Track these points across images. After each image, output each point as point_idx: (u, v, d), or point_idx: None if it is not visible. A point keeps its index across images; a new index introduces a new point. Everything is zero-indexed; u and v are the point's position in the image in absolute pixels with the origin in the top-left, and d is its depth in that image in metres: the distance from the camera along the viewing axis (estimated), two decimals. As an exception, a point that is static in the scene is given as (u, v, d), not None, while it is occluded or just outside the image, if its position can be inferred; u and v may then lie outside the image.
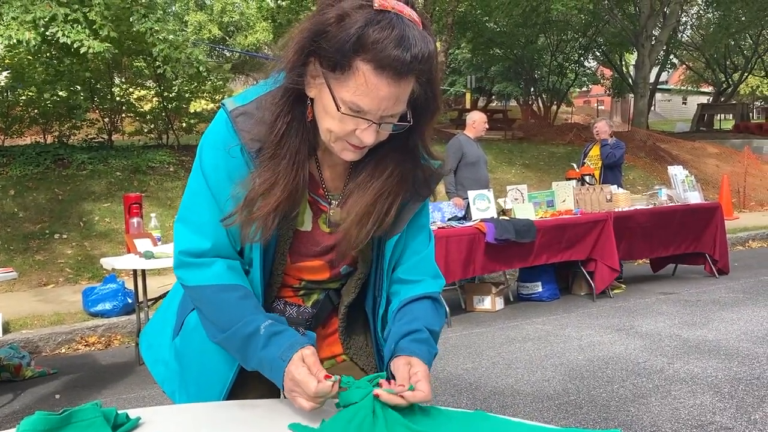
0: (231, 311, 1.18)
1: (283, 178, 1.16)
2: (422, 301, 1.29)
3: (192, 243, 1.21)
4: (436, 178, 1.27)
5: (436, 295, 1.32)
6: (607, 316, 5.43)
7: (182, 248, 1.22)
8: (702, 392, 3.58)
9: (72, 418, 1.04)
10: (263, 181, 1.15)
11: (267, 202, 1.15)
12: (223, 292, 1.19)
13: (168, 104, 11.26)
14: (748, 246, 9.35)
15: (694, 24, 26.55)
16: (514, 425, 1.11)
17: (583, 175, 6.97)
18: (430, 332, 1.24)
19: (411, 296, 1.29)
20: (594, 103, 35.85)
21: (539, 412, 3.39)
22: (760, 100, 35.08)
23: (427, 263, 1.33)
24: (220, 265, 1.21)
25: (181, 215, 1.24)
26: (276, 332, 1.15)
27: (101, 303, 5.51)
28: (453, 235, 5.37)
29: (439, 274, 1.35)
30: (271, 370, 1.14)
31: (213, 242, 1.20)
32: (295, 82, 1.12)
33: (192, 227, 1.22)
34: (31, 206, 8.43)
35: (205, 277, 1.20)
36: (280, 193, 1.16)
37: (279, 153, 1.16)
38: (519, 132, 18.70)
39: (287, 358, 1.11)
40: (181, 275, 1.23)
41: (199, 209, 1.21)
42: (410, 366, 1.15)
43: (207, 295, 1.20)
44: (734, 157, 15.52)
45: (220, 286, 1.19)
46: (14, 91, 10.59)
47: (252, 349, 1.16)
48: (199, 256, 1.21)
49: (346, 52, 1.04)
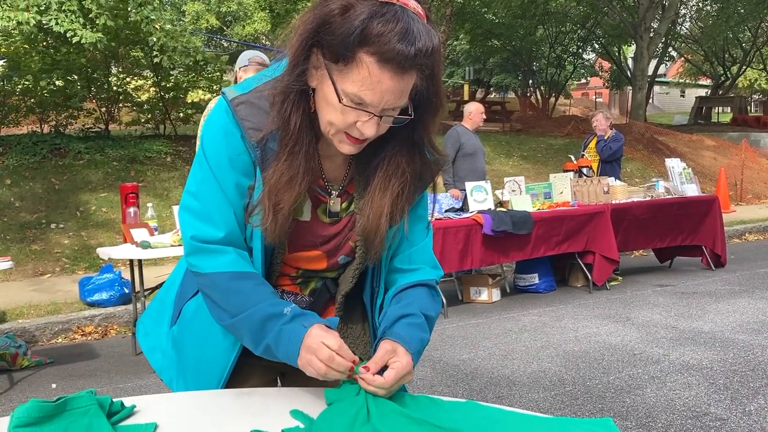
0: (247, 297, 1.17)
1: (302, 171, 1.17)
2: (418, 288, 1.29)
3: (203, 231, 1.20)
4: (436, 171, 1.27)
5: (432, 283, 1.32)
6: (603, 308, 5.44)
7: (193, 234, 1.21)
8: (697, 383, 3.59)
9: (66, 406, 1.04)
10: (282, 175, 1.16)
11: (290, 196, 1.16)
12: (239, 279, 1.18)
13: (165, 94, 11.21)
14: (744, 239, 9.37)
15: (693, 16, 26.52)
16: (505, 414, 1.12)
17: (581, 167, 6.97)
18: (425, 317, 1.25)
19: (407, 282, 1.30)
20: (592, 96, 35.82)
21: (535, 403, 3.40)
22: (758, 93, 35.09)
23: (424, 253, 1.34)
24: (233, 253, 1.20)
25: (187, 204, 1.23)
26: (301, 314, 1.17)
27: (98, 293, 5.50)
28: (450, 227, 5.37)
29: (437, 265, 1.36)
30: (290, 339, 1.13)
31: (226, 232, 1.20)
32: (300, 76, 1.12)
33: (201, 216, 1.20)
34: (27, 196, 8.40)
35: (219, 264, 1.19)
36: (299, 187, 1.17)
37: (296, 148, 1.16)
38: (517, 124, 18.68)
39: (311, 324, 1.13)
40: (194, 262, 1.21)
41: (206, 198, 1.20)
42: (393, 354, 1.15)
43: (220, 282, 1.19)
44: (732, 150, 15.53)
45: (235, 273, 1.19)
46: (10, 80, 10.53)
47: (270, 327, 1.15)
48: (213, 244, 1.20)
49: (350, 44, 1.04)
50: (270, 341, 1.15)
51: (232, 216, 1.20)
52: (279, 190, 1.16)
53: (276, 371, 1.41)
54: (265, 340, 1.16)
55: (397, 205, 1.23)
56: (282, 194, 1.16)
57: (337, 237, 1.29)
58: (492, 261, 5.78)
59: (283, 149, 1.16)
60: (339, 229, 1.29)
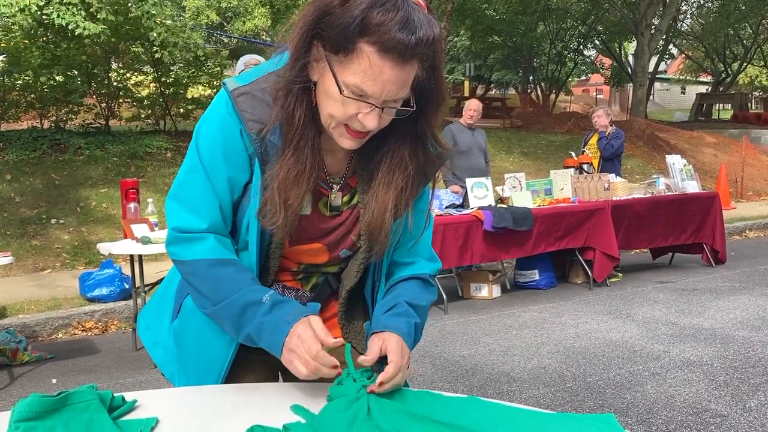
0: (227, 283, 1.17)
1: (309, 167, 1.17)
2: (410, 281, 1.31)
3: (186, 221, 1.20)
4: (438, 164, 1.27)
5: (425, 276, 1.33)
6: (603, 304, 5.44)
7: (176, 225, 1.21)
8: (697, 380, 3.59)
9: (68, 401, 1.04)
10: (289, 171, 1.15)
11: (298, 191, 1.16)
12: (217, 266, 1.18)
13: (165, 90, 11.20)
14: (744, 236, 9.36)
15: (694, 13, 26.46)
16: (507, 410, 1.11)
17: (582, 164, 6.96)
18: (410, 305, 1.26)
19: (401, 277, 1.31)
20: (593, 92, 35.76)
21: (535, 399, 3.40)
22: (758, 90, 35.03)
23: (422, 246, 1.34)
24: (213, 239, 1.20)
25: (174, 192, 1.23)
26: (280, 301, 1.17)
27: (98, 288, 5.50)
28: (450, 223, 5.37)
29: (434, 257, 1.36)
30: (272, 333, 1.13)
31: (210, 223, 1.20)
32: (302, 70, 1.11)
33: (186, 205, 1.21)
34: (27, 191, 8.40)
35: (199, 251, 1.19)
36: (307, 182, 1.17)
37: (302, 143, 1.16)
38: (517, 120, 18.67)
39: (293, 320, 1.12)
40: (173, 251, 1.22)
41: (193, 188, 1.20)
42: (382, 341, 1.17)
43: (200, 269, 1.19)
44: (732, 147, 15.50)
45: (215, 260, 1.18)
46: (10, 75, 10.51)
47: (250, 315, 1.15)
48: (193, 233, 1.20)
49: (350, 34, 1.03)
50: (251, 332, 1.16)
51: (217, 209, 1.20)
52: (288, 186, 1.16)
53: (277, 367, 1.40)
54: (246, 329, 1.16)
55: (401, 200, 1.22)
56: (290, 190, 1.16)
57: (338, 230, 1.29)
58: (492, 257, 5.78)
59: (288, 145, 1.16)
60: (340, 222, 1.29)
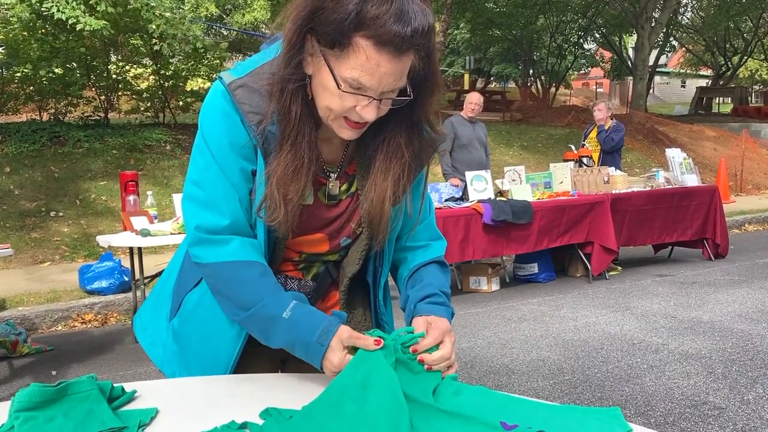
0: (251, 290, 1.17)
1: (307, 161, 1.16)
2: (430, 266, 1.34)
3: (208, 220, 1.18)
4: (433, 149, 1.27)
5: (442, 259, 1.37)
6: (602, 297, 5.45)
7: (197, 224, 1.19)
8: (696, 372, 3.60)
9: (67, 391, 1.04)
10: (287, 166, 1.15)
11: (297, 186, 1.16)
12: (241, 270, 1.17)
13: (165, 82, 11.18)
14: (744, 229, 9.37)
15: (695, 6, 26.40)
16: (512, 400, 1.11)
17: (581, 157, 6.96)
18: (445, 294, 1.30)
19: (420, 262, 1.34)
20: (593, 86, 35.71)
21: (534, 391, 3.41)
22: (759, 83, 34.99)
23: (429, 229, 1.37)
24: (237, 241, 1.19)
25: (190, 192, 1.21)
26: (302, 314, 1.15)
27: (97, 281, 5.51)
28: (450, 216, 5.37)
29: (440, 236, 1.40)
30: (306, 353, 1.13)
31: (231, 219, 1.18)
32: (297, 66, 1.11)
33: (205, 204, 1.19)
34: (27, 184, 8.39)
35: (223, 254, 1.18)
36: (305, 177, 1.16)
37: (299, 138, 1.15)
38: (517, 114, 18.66)
39: (326, 343, 1.11)
40: (197, 253, 1.20)
41: (210, 185, 1.18)
42: (430, 323, 1.19)
43: (225, 273, 1.18)
44: (732, 140, 15.50)
45: (238, 263, 1.17)
46: (9, 67, 10.48)
47: (279, 332, 1.15)
48: (216, 233, 1.18)
49: (345, 29, 1.02)
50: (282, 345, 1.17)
51: (237, 203, 1.19)
52: (286, 181, 1.15)
53: (278, 358, 1.41)
54: (274, 341, 1.17)
55: (399, 187, 1.23)
56: (289, 185, 1.16)
57: (338, 219, 1.29)
58: (494, 252, 5.78)
59: (286, 140, 1.16)
60: (340, 211, 1.29)
